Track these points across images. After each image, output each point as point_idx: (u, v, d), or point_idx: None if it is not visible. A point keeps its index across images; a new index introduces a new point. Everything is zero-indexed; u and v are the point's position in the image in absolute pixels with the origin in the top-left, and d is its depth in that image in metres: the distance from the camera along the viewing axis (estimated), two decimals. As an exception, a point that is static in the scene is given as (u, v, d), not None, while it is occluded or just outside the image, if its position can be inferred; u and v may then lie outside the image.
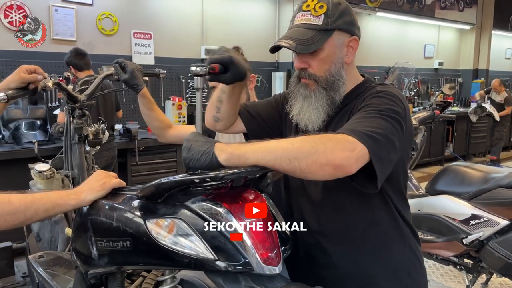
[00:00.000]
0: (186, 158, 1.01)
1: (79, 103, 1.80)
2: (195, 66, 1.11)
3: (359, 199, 1.21)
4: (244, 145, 1.02)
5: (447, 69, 8.99)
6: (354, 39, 1.24)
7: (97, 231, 1.14)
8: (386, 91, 1.18)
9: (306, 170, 0.96)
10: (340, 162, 0.96)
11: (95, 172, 1.23)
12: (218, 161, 0.99)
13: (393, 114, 1.10)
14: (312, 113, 1.23)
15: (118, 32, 4.93)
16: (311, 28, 1.19)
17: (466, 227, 2.67)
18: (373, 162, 1.01)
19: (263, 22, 6.20)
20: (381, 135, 1.03)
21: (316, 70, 1.23)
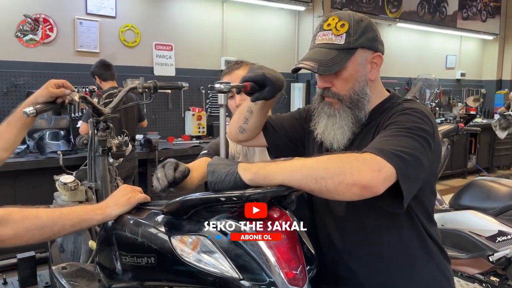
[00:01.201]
0: (211, 182, 1.01)
1: (104, 116, 1.82)
2: (219, 83, 1.12)
3: (385, 217, 1.19)
4: (269, 164, 1.01)
5: (469, 80, 8.84)
6: (378, 55, 1.22)
7: (121, 246, 1.14)
8: (413, 108, 1.15)
9: (332, 191, 0.95)
10: (367, 182, 0.95)
11: (120, 186, 1.23)
12: (243, 181, 0.99)
13: (421, 132, 1.07)
14: (337, 132, 1.22)
15: (140, 44, 5.00)
16: (333, 48, 1.18)
17: (492, 244, 2.60)
18: (400, 182, 0.99)
19: (283, 33, 6.22)
20: (409, 155, 1.01)
21: (340, 89, 1.21)
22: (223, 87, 1.10)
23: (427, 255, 1.23)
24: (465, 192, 2.87)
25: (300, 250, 1.05)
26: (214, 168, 1.02)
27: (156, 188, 1.16)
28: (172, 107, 5.23)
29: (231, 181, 0.99)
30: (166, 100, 5.17)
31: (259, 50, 5.93)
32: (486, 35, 8.74)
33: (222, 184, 1.00)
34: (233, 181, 0.99)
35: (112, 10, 4.77)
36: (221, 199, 0.98)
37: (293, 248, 1.02)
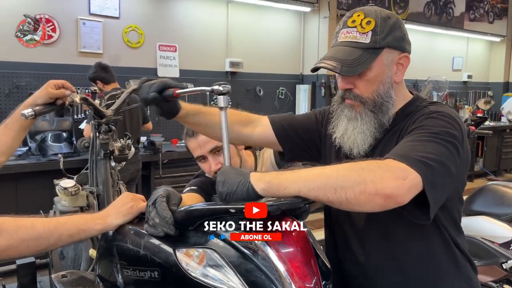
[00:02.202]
0: (222, 193, 0.94)
1: (106, 118, 1.76)
2: (218, 85, 1.04)
3: (411, 228, 1.11)
4: (283, 173, 0.94)
5: (476, 82, 8.75)
6: (405, 56, 1.14)
7: (123, 258, 1.07)
8: (440, 112, 1.07)
9: (353, 201, 0.88)
10: (391, 192, 0.87)
11: (122, 194, 1.16)
12: (256, 191, 0.92)
13: (450, 137, 0.99)
14: (358, 137, 1.13)
15: (143, 45, 4.95)
16: (358, 46, 1.09)
17: (506, 251, 2.51)
18: (426, 191, 0.91)
19: (288, 34, 6.15)
20: (436, 161, 0.93)
21: (363, 91, 1.12)
22: (222, 88, 1.03)
23: (455, 267, 1.15)
24: (477, 197, 2.79)
25: (315, 264, 0.97)
26: (225, 178, 0.94)
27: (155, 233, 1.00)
28: (176, 109, 5.15)
29: (244, 192, 0.92)
30: (169, 102, 5.10)
31: (264, 52, 5.87)
32: (493, 37, 8.66)
33: (234, 195, 0.92)
34: (246, 191, 0.92)
35: (115, 10, 4.72)
36: (231, 211, 0.90)
37: (308, 262, 0.94)
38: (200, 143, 1.46)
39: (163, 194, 1.00)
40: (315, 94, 6.05)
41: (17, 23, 4.19)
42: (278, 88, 6.01)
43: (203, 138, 1.43)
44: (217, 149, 1.44)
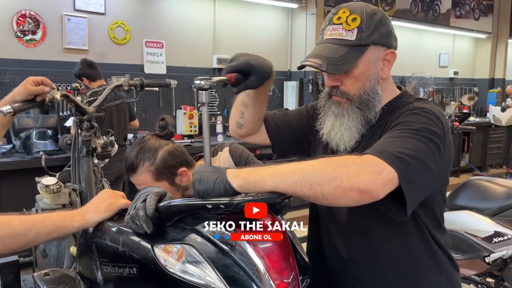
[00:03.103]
0: (199, 191, 0.93)
1: (88, 115, 1.74)
2: (199, 80, 1.04)
3: (391, 225, 1.12)
4: (259, 169, 0.94)
5: (462, 78, 8.84)
6: (391, 52, 1.13)
7: (102, 255, 1.07)
8: (424, 108, 1.07)
9: (328, 196, 0.88)
10: (365, 186, 0.88)
11: (102, 191, 1.16)
12: (233, 188, 0.92)
13: (430, 134, 0.99)
14: (345, 133, 1.14)
15: (130, 41, 4.91)
16: (343, 44, 1.09)
17: (488, 245, 2.55)
18: (403, 187, 0.92)
19: (276, 31, 6.15)
20: (414, 158, 0.94)
21: (349, 88, 1.12)
22: (203, 83, 1.03)
23: (434, 263, 1.16)
24: (460, 192, 2.82)
25: (293, 259, 0.98)
26: (201, 176, 0.94)
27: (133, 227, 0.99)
28: (163, 106, 5.14)
29: (221, 189, 0.92)
30: (157, 99, 5.08)
31: (252, 48, 5.82)
32: (479, 34, 8.75)
33: (211, 192, 0.92)
34: (223, 188, 0.92)
35: (101, 6, 4.67)
36: (208, 207, 0.91)
37: (285, 257, 0.95)
38: (136, 184, 1.42)
39: (160, 192, 0.99)
40: (302, 91, 6.06)
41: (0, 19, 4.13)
42: (266, 85, 6.00)
43: (136, 181, 1.41)
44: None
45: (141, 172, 1.39)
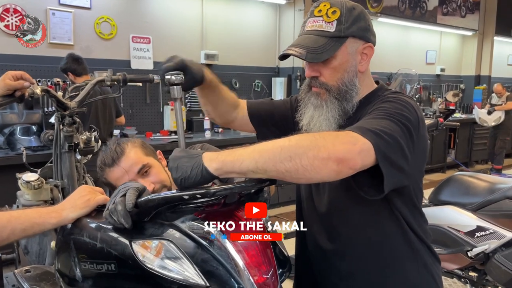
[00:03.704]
0: (176, 179, 0.92)
1: (69, 110, 1.72)
2: (170, 75, 1.04)
3: (368, 214, 1.15)
4: (236, 150, 0.93)
5: (449, 75, 8.92)
6: (369, 46, 1.18)
7: (80, 252, 1.05)
8: (398, 97, 1.11)
9: (308, 167, 0.88)
10: (342, 155, 0.89)
11: (80, 187, 1.14)
12: (210, 172, 0.91)
13: (404, 119, 1.02)
14: (323, 123, 1.16)
15: (116, 36, 4.86)
16: (323, 35, 1.13)
17: (471, 239, 2.59)
18: (379, 161, 0.93)
19: (264, 26, 6.14)
20: (388, 135, 0.96)
21: (328, 79, 1.16)
22: (174, 78, 1.03)
23: (412, 253, 1.18)
24: (444, 188, 2.86)
25: (272, 253, 0.99)
26: (177, 164, 0.93)
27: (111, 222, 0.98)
28: (150, 102, 5.11)
29: (198, 175, 0.91)
30: (144, 94, 5.05)
31: (240, 44, 5.84)
32: (465, 31, 8.83)
33: (188, 179, 0.91)
34: (200, 174, 0.91)
35: (86, 1, 4.61)
36: (185, 198, 0.90)
37: (264, 251, 0.95)
38: (126, 168, 1.30)
39: (139, 187, 0.98)
40: (291, 87, 6.07)
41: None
42: (254, 81, 6.00)
43: (127, 162, 1.30)
44: (145, 169, 1.31)
45: (130, 150, 1.32)
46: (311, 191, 1.25)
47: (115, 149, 1.31)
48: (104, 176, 1.34)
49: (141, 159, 1.32)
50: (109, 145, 1.34)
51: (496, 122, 7.22)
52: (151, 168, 1.32)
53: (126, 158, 1.30)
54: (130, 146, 1.33)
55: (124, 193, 0.96)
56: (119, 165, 1.30)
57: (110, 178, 1.32)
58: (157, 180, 1.31)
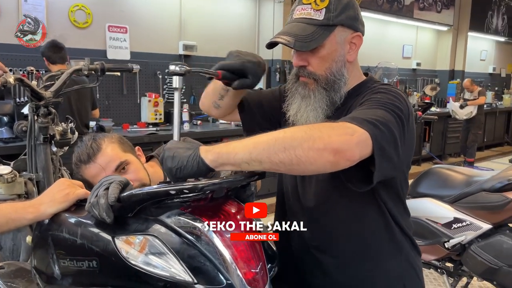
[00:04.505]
0: (171, 169, 0.89)
1: (45, 100, 1.65)
2: (175, 65, 1.01)
3: (354, 207, 1.14)
4: (231, 143, 0.91)
5: (424, 69, 9.07)
6: (358, 36, 1.16)
7: (59, 248, 1.01)
8: (389, 89, 1.10)
9: (303, 159, 0.85)
10: (338, 146, 0.86)
11: (58, 180, 1.09)
12: (206, 164, 0.88)
13: (397, 110, 1.01)
14: (310, 114, 1.14)
15: (92, 25, 4.72)
16: (312, 23, 1.11)
17: (448, 231, 2.64)
18: (375, 151, 0.91)
19: (243, 18, 6.08)
20: (384, 125, 0.94)
21: (316, 68, 1.14)
22: (178, 69, 1.00)
23: (395, 247, 1.19)
24: (422, 180, 2.90)
25: (260, 247, 0.97)
26: (174, 153, 0.90)
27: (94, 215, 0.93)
28: (127, 93, 5.00)
29: (194, 166, 0.88)
30: (121, 85, 4.93)
31: (219, 35, 5.77)
32: (440, 26, 8.97)
33: (184, 169, 0.88)
34: (196, 165, 0.88)
35: (60, -13, 4.46)
36: (171, 193, 0.86)
37: (253, 246, 0.93)
38: (102, 165, 1.25)
39: (123, 181, 0.94)
40: (270, 79, 6.04)
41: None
42: (233, 73, 5.94)
43: (104, 159, 1.25)
44: (122, 166, 1.27)
45: (107, 145, 1.27)
46: (296, 184, 1.23)
47: (90, 145, 1.25)
48: (80, 173, 1.28)
49: (119, 155, 1.27)
50: (85, 140, 1.28)
51: (467, 116, 7.39)
52: (130, 165, 1.28)
53: (102, 155, 1.25)
54: (107, 142, 1.28)
55: (107, 186, 0.92)
56: (95, 162, 1.24)
57: (86, 175, 1.27)
58: (135, 178, 1.26)
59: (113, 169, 1.25)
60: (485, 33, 9.94)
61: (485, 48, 10.61)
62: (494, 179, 2.53)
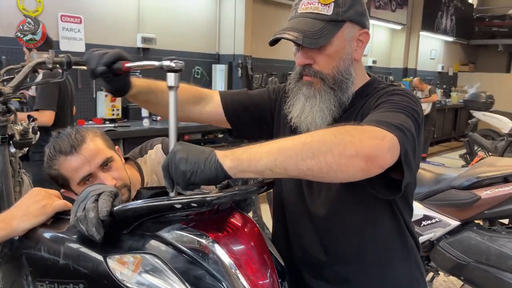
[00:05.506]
0: (185, 172, 0.78)
1: (3, 96, 1.47)
2: (169, 60, 0.89)
3: (367, 215, 1.09)
4: (251, 147, 0.82)
5: (380, 67, 9.29)
6: (365, 32, 1.09)
7: (36, 270, 0.87)
8: (404, 90, 1.05)
9: (333, 166, 0.78)
10: (371, 151, 0.80)
11: (32, 190, 0.94)
12: (225, 170, 0.78)
13: (415, 114, 0.96)
14: (317, 115, 1.06)
15: (43, 14, 4.40)
16: (319, 18, 1.03)
17: (418, 228, 2.67)
18: (402, 157, 0.85)
19: (204, 11, 5.92)
20: (408, 130, 0.89)
21: (323, 67, 1.06)
22: (173, 64, 0.88)
23: (405, 251, 1.15)
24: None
25: (272, 263, 0.88)
26: (188, 154, 0.79)
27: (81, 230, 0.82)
28: (82, 87, 4.72)
29: (212, 170, 0.78)
30: (75, 79, 4.64)
31: (179, 28, 5.59)
32: (395, 25, 9.22)
33: (201, 174, 0.78)
34: (214, 170, 0.78)
35: (7, -28, 4.12)
36: (177, 207, 0.76)
37: (264, 263, 0.84)
38: (88, 157, 1.14)
39: (114, 192, 0.82)
40: (231, 75, 5.93)
41: None
42: (193, 67, 5.78)
43: (89, 151, 1.15)
44: (106, 162, 1.17)
45: (92, 138, 1.17)
46: (301, 189, 1.15)
47: (74, 136, 1.15)
48: (56, 166, 1.16)
49: (104, 150, 1.17)
50: (65, 132, 1.16)
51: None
52: (114, 162, 1.19)
53: (88, 147, 1.15)
54: (91, 135, 1.18)
55: (96, 198, 0.80)
56: (79, 153, 1.13)
57: (65, 168, 1.15)
58: (119, 176, 1.18)
59: (98, 164, 1.15)
60: (435, 32, 10.33)
61: (434, 48, 11.03)
62: (462, 177, 2.59)
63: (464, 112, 10.12)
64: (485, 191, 2.49)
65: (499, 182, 2.50)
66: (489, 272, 2.44)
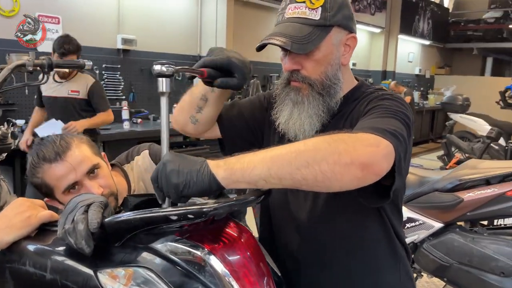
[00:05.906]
0: (177, 185, 0.75)
1: (-19, 100, 1.41)
2: (160, 65, 0.86)
3: (356, 221, 1.07)
4: (243, 157, 0.79)
5: (359, 69, 9.40)
6: (353, 37, 1.08)
7: (21, 285, 0.83)
8: (392, 94, 1.04)
9: (329, 174, 0.76)
10: (366, 159, 0.78)
11: (15, 201, 0.90)
12: (218, 181, 0.76)
13: (406, 118, 0.95)
14: (305, 121, 1.05)
15: (19, 14, 4.26)
16: (307, 23, 1.01)
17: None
18: (396, 164, 0.84)
19: (185, 12, 5.86)
20: (401, 136, 0.88)
21: (311, 72, 1.05)
22: (165, 69, 0.85)
23: (394, 259, 1.14)
24: (375, 180, 2.94)
25: (270, 275, 0.85)
26: (179, 166, 0.77)
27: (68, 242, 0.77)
28: (60, 89, 4.60)
29: (205, 182, 0.76)
30: (52, 81, 4.53)
31: (160, 30, 5.52)
32: (374, 28, 9.35)
33: (194, 186, 0.75)
34: (207, 181, 0.76)
35: (-19, -30, 3.99)
36: (172, 218, 0.73)
37: (262, 274, 0.82)
38: (73, 164, 1.08)
39: (104, 202, 0.79)
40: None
41: None
42: (174, 69, 5.72)
43: (75, 158, 1.09)
44: (93, 170, 1.12)
45: (77, 145, 1.11)
46: (287, 199, 1.13)
47: (59, 143, 1.09)
48: (39, 174, 1.10)
49: (91, 157, 1.13)
50: (49, 139, 1.11)
51: None
52: (100, 170, 1.14)
53: (73, 154, 1.09)
54: (77, 141, 1.13)
55: (86, 209, 0.76)
56: (64, 160, 1.08)
57: (50, 176, 1.09)
58: (106, 184, 1.13)
59: (85, 172, 1.10)
60: (413, 36, 10.51)
61: (412, 51, 11.22)
62: (445, 179, 2.62)
63: (441, 114, 10.31)
64: (468, 193, 2.52)
65: (481, 185, 2.53)
66: (471, 273, 2.47)
